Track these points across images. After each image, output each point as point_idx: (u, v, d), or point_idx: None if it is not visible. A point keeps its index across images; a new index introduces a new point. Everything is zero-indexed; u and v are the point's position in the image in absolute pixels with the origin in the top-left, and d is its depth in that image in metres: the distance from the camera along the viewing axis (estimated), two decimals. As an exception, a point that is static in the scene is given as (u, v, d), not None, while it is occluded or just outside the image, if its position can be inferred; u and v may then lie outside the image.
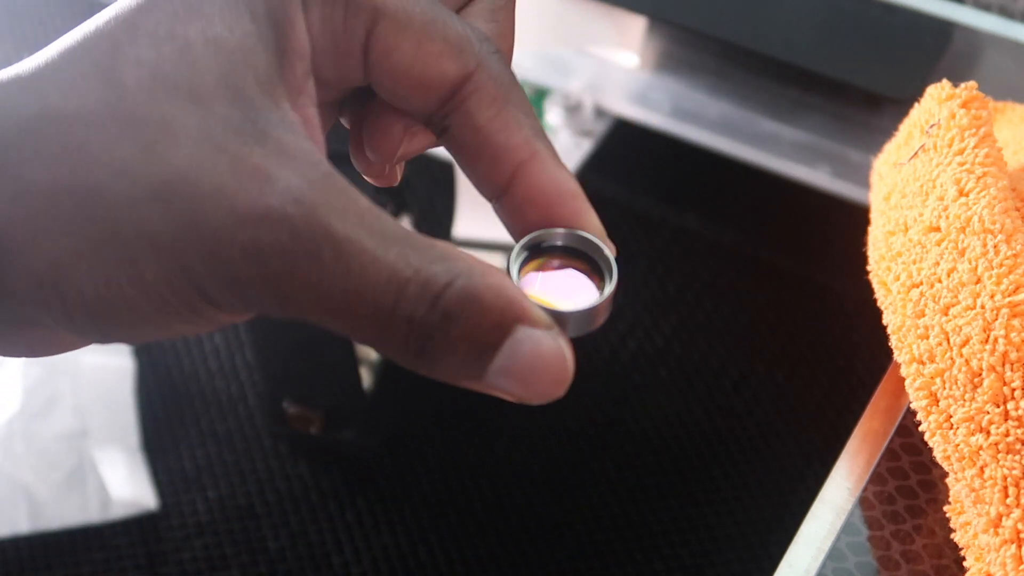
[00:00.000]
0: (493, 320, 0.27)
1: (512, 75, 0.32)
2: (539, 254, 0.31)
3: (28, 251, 0.27)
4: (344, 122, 0.34)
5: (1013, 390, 0.39)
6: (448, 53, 0.31)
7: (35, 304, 0.28)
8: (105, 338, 0.29)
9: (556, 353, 0.28)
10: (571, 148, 0.80)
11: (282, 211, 0.27)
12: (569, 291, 0.31)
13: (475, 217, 0.77)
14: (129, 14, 0.29)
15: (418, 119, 0.32)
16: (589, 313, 0.30)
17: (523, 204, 0.31)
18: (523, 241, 0.31)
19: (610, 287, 0.31)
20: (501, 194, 0.32)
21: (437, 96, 0.31)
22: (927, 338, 0.41)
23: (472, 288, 0.27)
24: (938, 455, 0.42)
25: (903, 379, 0.43)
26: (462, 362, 0.28)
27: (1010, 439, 0.39)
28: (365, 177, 0.35)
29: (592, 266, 0.32)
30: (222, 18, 0.29)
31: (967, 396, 0.40)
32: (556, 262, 0.31)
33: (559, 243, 0.31)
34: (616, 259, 0.32)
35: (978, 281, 0.40)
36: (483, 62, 0.31)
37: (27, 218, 0.27)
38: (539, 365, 0.28)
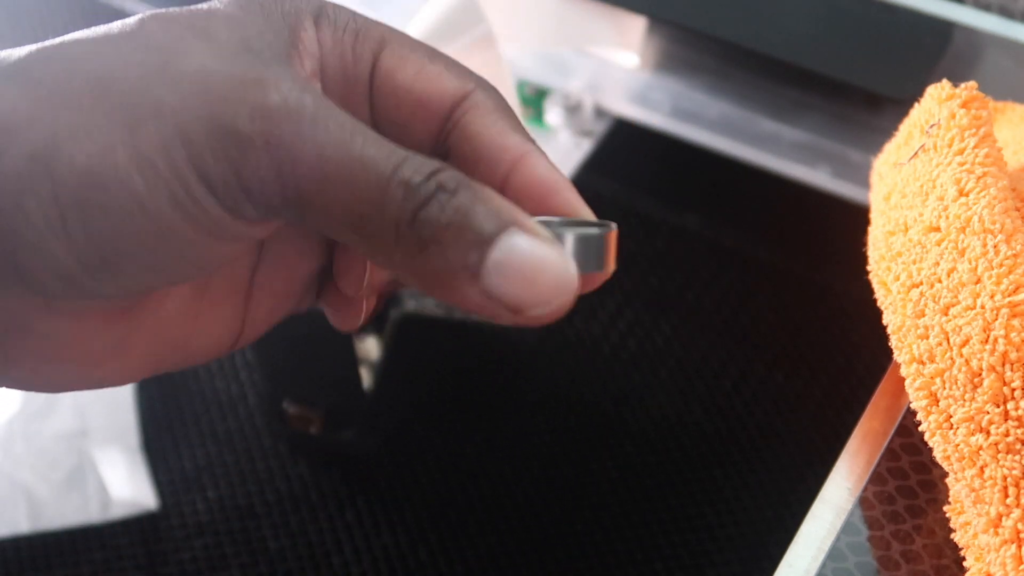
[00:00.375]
0: (488, 210, 0.27)
1: (506, 101, 0.33)
2: None
3: (27, 126, 0.27)
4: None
5: (1013, 390, 0.39)
6: (448, 73, 0.32)
7: (20, 193, 0.27)
8: (95, 275, 0.28)
9: (557, 256, 0.28)
10: (571, 148, 0.80)
11: (290, 84, 0.28)
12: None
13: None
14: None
15: (422, 148, 0.33)
16: (589, 243, 0.30)
17: (519, 198, 0.32)
18: None
19: (610, 226, 0.31)
20: (499, 189, 0.32)
21: (438, 115, 0.32)
22: (927, 338, 0.41)
23: (467, 179, 0.28)
24: (938, 455, 0.42)
25: (903, 379, 0.43)
26: (455, 246, 0.27)
27: (1010, 439, 0.39)
28: (333, 323, 0.35)
29: None
30: (240, 8, 0.30)
31: (967, 396, 0.40)
32: None
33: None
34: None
35: (978, 281, 0.40)
36: (480, 84, 0.33)
37: (35, 100, 0.27)
38: (539, 265, 0.27)
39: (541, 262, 0.27)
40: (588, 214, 0.32)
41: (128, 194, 0.27)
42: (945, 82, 0.45)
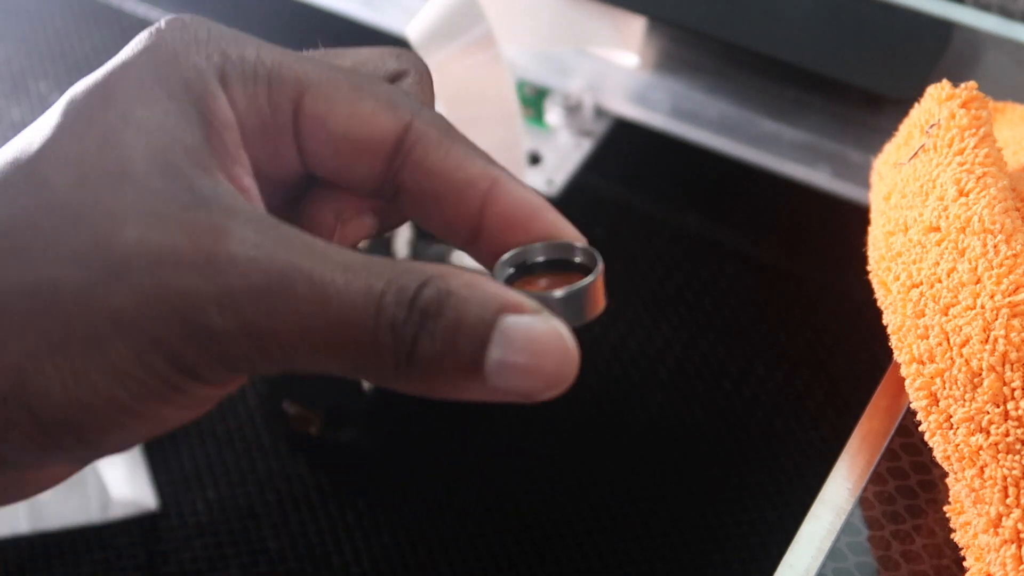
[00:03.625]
0: (474, 312, 0.27)
1: (445, 120, 0.31)
2: (523, 272, 0.31)
3: None
4: None
5: (1013, 390, 0.39)
6: (381, 110, 0.30)
7: (5, 426, 0.27)
8: (90, 451, 0.28)
9: (552, 334, 0.27)
10: (571, 148, 0.80)
11: (245, 256, 0.26)
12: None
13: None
14: (46, 123, 0.28)
15: (366, 190, 0.31)
16: (578, 297, 0.30)
17: (500, 230, 0.31)
18: (504, 257, 0.31)
19: (597, 270, 0.30)
20: (475, 231, 0.31)
21: (381, 156, 0.31)
22: (927, 338, 0.41)
23: (446, 285, 0.27)
24: (938, 455, 0.42)
25: (903, 379, 0.43)
26: (454, 365, 0.27)
27: (1010, 439, 0.39)
28: None
29: (579, 271, 0.31)
30: (140, 100, 0.28)
31: (967, 396, 0.40)
32: (543, 280, 0.31)
33: (540, 258, 0.31)
34: (599, 254, 0.31)
35: (978, 281, 0.40)
36: (417, 112, 0.31)
37: None
38: (537, 350, 0.27)
39: (540, 346, 0.27)
40: (571, 232, 0.31)
41: (115, 408, 0.27)
42: (945, 82, 0.45)
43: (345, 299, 0.26)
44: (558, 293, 0.29)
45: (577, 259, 0.31)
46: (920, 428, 0.42)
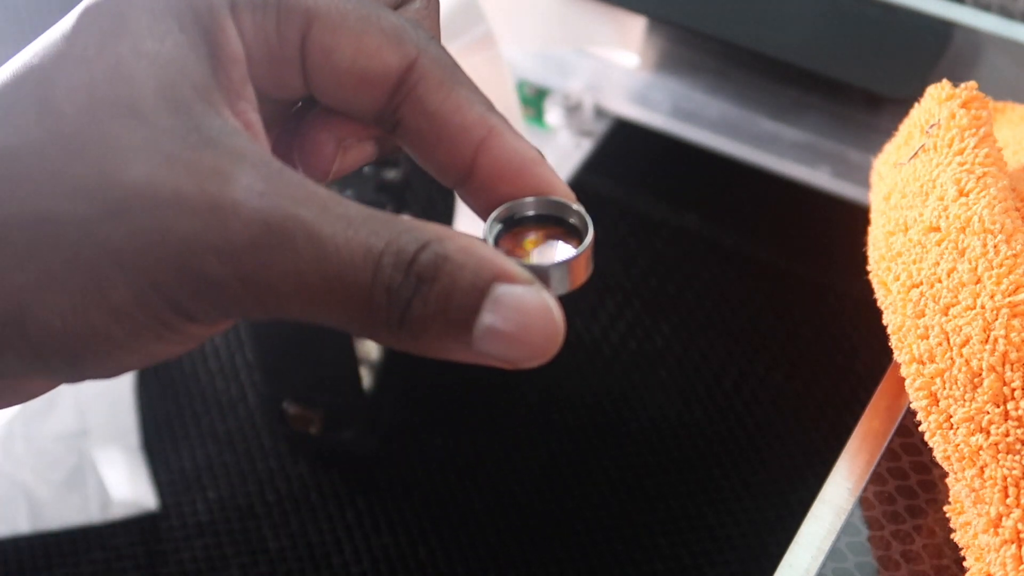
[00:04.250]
0: (467, 279, 0.27)
1: (452, 58, 0.31)
2: (512, 225, 0.31)
3: None
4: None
5: (1013, 390, 0.39)
6: (387, 44, 0.30)
7: (2, 347, 0.27)
8: (78, 375, 0.29)
9: (541, 306, 0.27)
10: (571, 148, 0.80)
11: (248, 205, 0.27)
12: (548, 254, 0.31)
13: (475, 217, 0.77)
14: (56, 42, 0.28)
15: (367, 119, 0.32)
16: (569, 266, 0.30)
17: (490, 180, 0.31)
18: (494, 214, 0.31)
19: (587, 240, 0.30)
20: (465, 177, 0.31)
21: (383, 90, 0.31)
22: (927, 338, 0.41)
23: (442, 250, 0.27)
24: (938, 455, 0.42)
25: (903, 379, 0.43)
26: (444, 328, 0.27)
27: (1010, 439, 0.39)
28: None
29: (567, 228, 0.31)
30: (151, 32, 0.28)
31: (967, 396, 0.40)
32: (532, 233, 0.31)
33: (531, 212, 0.31)
34: (590, 217, 0.31)
35: (978, 281, 0.40)
36: (423, 48, 0.31)
37: None
38: (525, 321, 0.27)
39: (529, 319, 0.27)
40: (563, 189, 0.31)
41: (109, 342, 0.27)
42: (945, 82, 0.45)
43: (343, 256, 0.27)
44: (551, 263, 0.30)
45: (570, 220, 0.31)
46: (920, 428, 0.42)
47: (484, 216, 0.31)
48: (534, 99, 0.81)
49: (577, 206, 0.31)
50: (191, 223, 0.26)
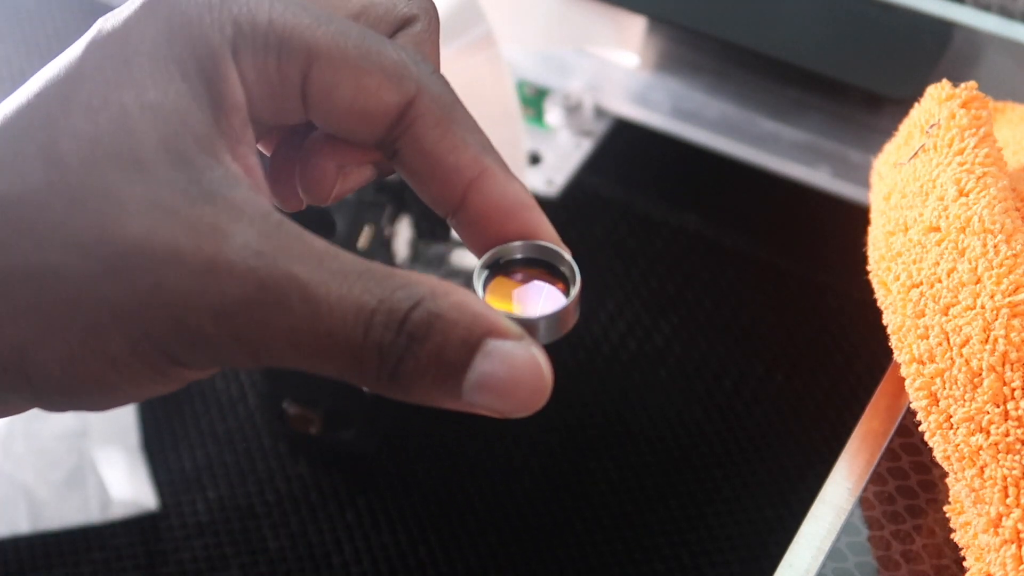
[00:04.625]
0: (460, 336, 0.28)
1: (453, 93, 0.32)
2: (500, 270, 0.32)
3: None
4: (263, 149, 0.34)
5: (1013, 390, 0.39)
6: (387, 83, 0.31)
7: (3, 388, 0.28)
8: (76, 409, 0.29)
9: (530, 362, 0.28)
10: (571, 148, 0.80)
11: (244, 265, 0.27)
12: (536, 301, 0.31)
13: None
14: (61, 86, 0.29)
15: (366, 147, 0.32)
16: (558, 317, 0.31)
17: (477, 220, 0.32)
18: (482, 260, 0.32)
19: (575, 289, 0.31)
20: (456, 211, 0.32)
21: (382, 125, 0.31)
22: (927, 338, 0.41)
23: (435, 308, 0.28)
24: (938, 455, 0.42)
25: (903, 379, 0.43)
26: (435, 383, 0.28)
27: (1010, 439, 0.39)
28: (278, 204, 0.35)
29: (554, 273, 0.32)
30: (154, 81, 0.29)
31: (967, 396, 0.40)
32: (519, 275, 0.32)
33: (519, 256, 0.32)
34: (576, 263, 0.32)
35: (978, 281, 0.40)
36: (423, 85, 0.31)
37: None
38: (514, 376, 0.28)
39: (517, 375, 0.28)
40: (550, 233, 0.32)
41: (106, 386, 0.28)
42: (945, 82, 0.45)
43: (336, 314, 0.27)
44: (539, 315, 0.31)
45: (560, 267, 0.32)
46: (920, 428, 0.42)
47: (473, 248, 0.32)
48: (534, 99, 0.81)
49: (565, 252, 0.32)
50: (187, 282, 0.27)
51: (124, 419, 0.74)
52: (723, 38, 0.72)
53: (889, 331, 0.44)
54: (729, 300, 0.77)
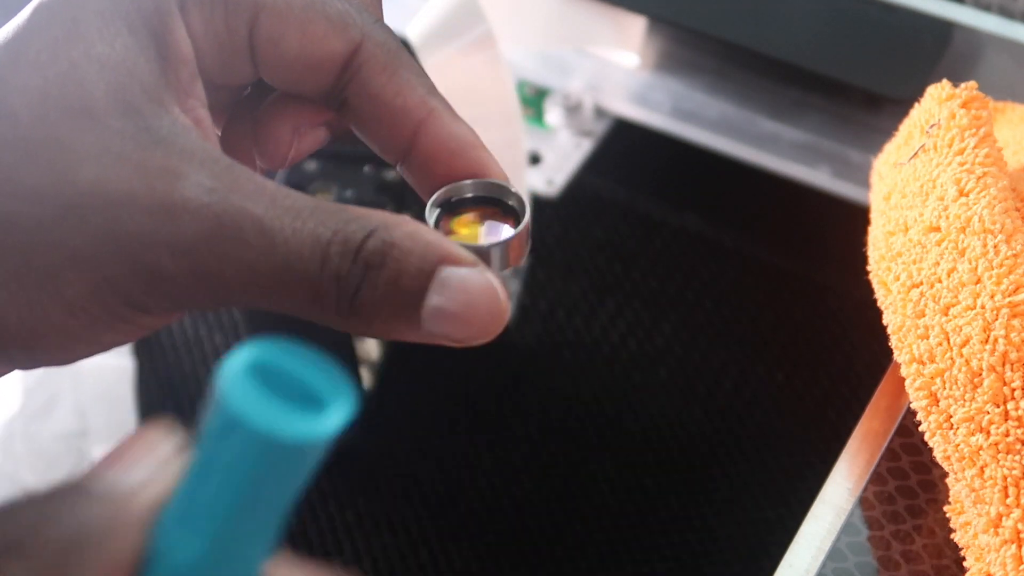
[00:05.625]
0: (415, 264, 0.28)
1: (398, 40, 0.33)
2: (451, 208, 0.32)
3: None
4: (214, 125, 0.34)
5: (1013, 390, 0.39)
6: (332, 32, 0.31)
7: None
8: (35, 363, 0.29)
9: (486, 287, 0.28)
10: (571, 148, 0.80)
11: (199, 201, 0.27)
12: (488, 235, 0.32)
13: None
14: (10, 45, 0.29)
15: (315, 100, 0.33)
16: (508, 245, 0.31)
17: (426, 161, 0.32)
18: (433, 198, 0.32)
19: (525, 220, 0.32)
20: (406, 156, 0.32)
21: (330, 74, 0.32)
22: (927, 338, 0.41)
23: (389, 237, 0.28)
24: (938, 455, 0.42)
25: (903, 379, 0.43)
26: (393, 312, 0.28)
27: (1010, 439, 0.39)
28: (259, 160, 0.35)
29: (505, 210, 0.32)
30: (102, 36, 0.29)
31: (967, 396, 0.40)
32: (470, 214, 0.32)
33: (469, 194, 0.32)
34: (527, 200, 0.32)
35: (978, 281, 0.40)
36: (368, 33, 0.32)
37: None
38: (471, 301, 0.28)
39: (474, 299, 0.28)
40: (499, 171, 0.32)
41: (65, 334, 0.28)
42: (945, 82, 0.45)
43: (292, 247, 0.28)
44: (490, 243, 0.31)
45: (508, 201, 0.32)
46: (920, 428, 0.42)
47: (424, 194, 0.33)
48: (534, 99, 0.81)
49: (514, 187, 0.32)
50: (142, 221, 0.27)
51: (124, 419, 0.74)
52: (723, 38, 0.72)
53: (889, 331, 0.44)
54: (729, 300, 0.77)
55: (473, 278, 0.28)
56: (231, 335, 0.78)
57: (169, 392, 0.76)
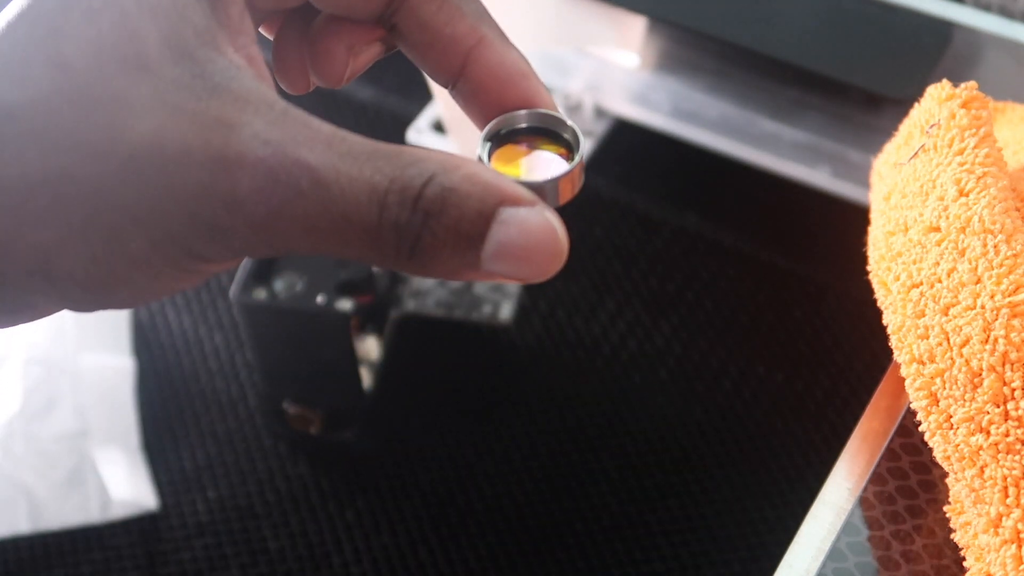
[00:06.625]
0: (474, 208, 0.28)
1: None
2: (504, 140, 0.32)
3: (13, 243, 0.28)
4: (266, 32, 0.34)
5: (1013, 390, 0.39)
6: None
7: (30, 291, 0.28)
8: (102, 308, 0.30)
9: (545, 226, 0.28)
10: (571, 148, 0.80)
11: (253, 155, 0.28)
12: (542, 167, 0.32)
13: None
14: None
15: (370, 25, 0.33)
16: (565, 180, 0.31)
17: (476, 89, 0.32)
18: (485, 131, 0.32)
19: (580, 153, 0.31)
20: (456, 82, 0.32)
21: (379, 2, 0.32)
22: (927, 338, 0.41)
23: (448, 182, 0.28)
24: (938, 455, 0.42)
25: (903, 379, 0.43)
26: (454, 255, 0.28)
27: (1010, 439, 0.39)
28: (285, 89, 0.35)
29: (557, 140, 0.32)
30: None
31: (967, 396, 0.40)
32: (523, 144, 0.32)
33: (522, 125, 0.32)
34: (581, 132, 0.32)
35: (978, 281, 0.40)
36: None
37: (6, 212, 0.28)
38: (531, 241, 0.28)
39: (534, 239, 0.28)
40: (549, 101, 0.32)
41: (130, 285, 0.29)
42: (945, 82, 0.45)
43: (349, 197, 0.28)
44: (547, 178, 0.31)
45: (562, 133, 0.32)
46: (920, 428, 0.42)
47: (476, 121, 0.32)
48: (534, 99, 0.81)
49: (568, 120, 0.32)
50: (198, 176, 0.27)
51: (124, 419, 0.74)
52: (723, 38, 0.72)
53: (889, 331, 0.44)
54: (729, 300, 0.77)
55: (532, 217, 0.28)
56: (231, 336, 0.78)
57: (169, 392, 0.76)
